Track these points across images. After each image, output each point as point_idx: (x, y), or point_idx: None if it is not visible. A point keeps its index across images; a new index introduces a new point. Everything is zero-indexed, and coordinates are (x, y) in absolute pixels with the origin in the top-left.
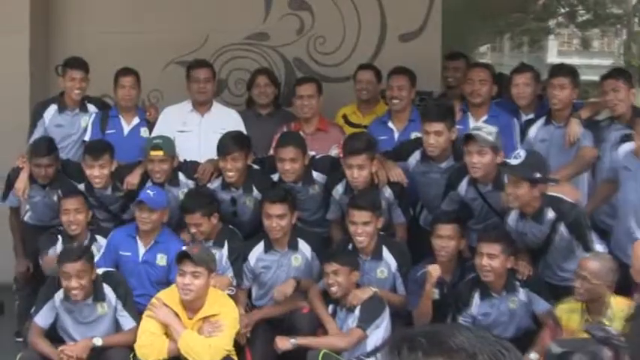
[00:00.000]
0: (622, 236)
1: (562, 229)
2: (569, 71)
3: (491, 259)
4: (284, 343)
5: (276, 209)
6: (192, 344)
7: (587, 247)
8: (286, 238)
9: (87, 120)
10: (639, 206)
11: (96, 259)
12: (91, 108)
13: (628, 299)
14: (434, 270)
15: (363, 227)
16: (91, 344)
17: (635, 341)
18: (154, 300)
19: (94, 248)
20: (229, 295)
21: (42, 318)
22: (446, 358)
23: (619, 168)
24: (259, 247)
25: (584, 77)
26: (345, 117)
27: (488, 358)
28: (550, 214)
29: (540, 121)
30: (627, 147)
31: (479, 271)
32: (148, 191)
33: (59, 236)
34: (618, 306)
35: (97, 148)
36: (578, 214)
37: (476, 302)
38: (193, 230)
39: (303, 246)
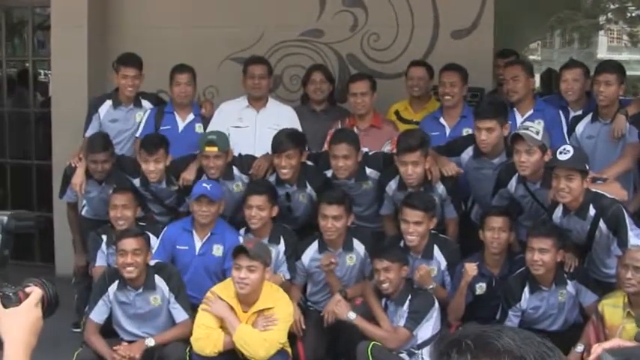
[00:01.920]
0: None
1: (602, 225)
2: (614, 67)
3: (543, 253)
4: (343, 311)
5: (333, 210)
6: (247, 338)
7: (622, 242)
8: (341, 239)
9: (141, 115)
10: None
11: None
12: (146, 104)
13: None
14: (470, 268)
15: (414, 226)
16: (144, 345)
17: None
18: (209, 294)
19: None
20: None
21: (96, 314)
22: None
23: None
24: (313, 247)
25: (633, 73)
26: (397, 113)
27: (534, 359)
28: (592, 210)
29: (587, 118)
30: None
31: (529, 266)
32: (205, 185)
33: (103, 237)
34: None
35: (153, 143)
36: (616, 210)
37: (525, 296)
38: (253, 214)
39: (358, 245)
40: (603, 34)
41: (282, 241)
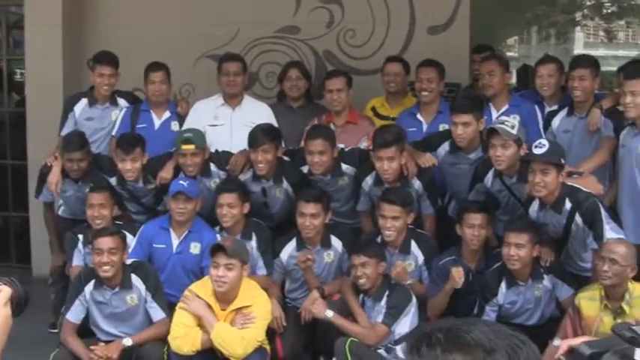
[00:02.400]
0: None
1: (577, 219)
2: (588, 62)
3: (519, 248)
4: (320, 310)
5: (311, 208)
6: (225, 336)
7: (598, 236)
8: (319, 236)
9: (117, 114)
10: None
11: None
12: (122, 102)
13: None
14: (457, 274)
15: (392, 222)
16: (122, 345)
17: None
18: (186, 292)
19: None
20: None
21: (73, 314)
22: (464, 354)
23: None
24: (292, 244)
25: (609, 68)
26: (373, 109)
27: (505, 352)
28: (568, 204)
29: (563, 112)
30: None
31: (506, 261)
32: (181, 182)
33: (79, 236)
34: (637, 291)
35: (129, 142)
36: (592, 204)
37: (502, 291)
38: (224, 212)
39: (335, 242)
40: (580, 30)
41: (254, 236)
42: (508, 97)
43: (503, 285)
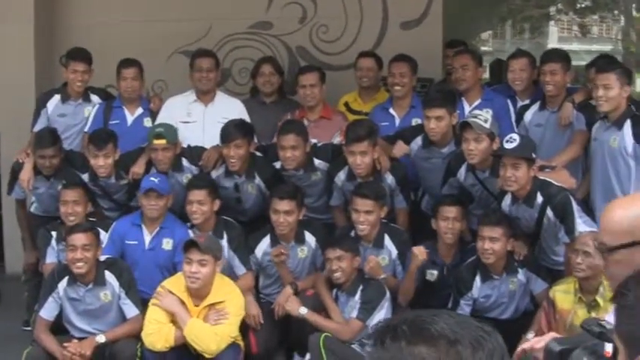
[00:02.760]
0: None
1: (549, 212)
2: (560, 56)
3: (493, 242)
4: (294, 307)
5: (284, 205)
6: (198, 333)
7: (569, 230)
8: (293, 232)
9: (90, 110)
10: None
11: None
12: (95, 98)
13: None
14: (419, 252)
15: (365, 216)
16: (95, 342)
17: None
18: (159, 288)
19: None
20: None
21: (46, 311)
22: (428, 345)
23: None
24: (266, 241)
25: (583, 63)
26: (346, 104)
27: (469, 343)
28: (539, 198)
29: (535, 107)
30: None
31: (480, 255)
32: (152, 178)
33: (53, 233)
34: None
35: (101, 138)
36: (563, 198)
37: (477, 285)
38: (194, 209)
39: (309, 237)
40: (554, 24)
41: (225, 235)
42: (481, 91)
43: (477, 279)
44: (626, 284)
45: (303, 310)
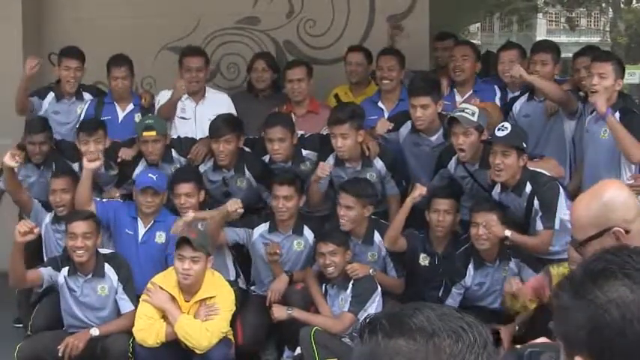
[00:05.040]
0: None
1: (536, 202)
2: (550, 47)
3: (488, 228)
4: (280, 312)
5: (284, 191)
6: (188, 329)
7: (547, 218)
8: (292, 222)
9: (82, 108)
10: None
11: None
12: (87, 96)
13: None
14: (420, 188)
15: (345, 210)
16: (89, 335)
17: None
18: (149, 285)
19: None
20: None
21: (45, 271)
22: (406, 338)
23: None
24: (264, 226)
25: (571, 55)
26: (337, 96)
27: (447, 335)
28: (528, 187)
29: (524, 98)
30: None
31: (474, 241)
32: (150, 175)
33: (50, 214)
34: None
35: (91, 125)
36: (550, 188)
37: (470, 272)
38: (182, 201)
39: (308, 232)
40: (542, 17)
41: None
42: (473, 84)
43: (471, 266)
44: (561, 285)
45: (290, 312)
